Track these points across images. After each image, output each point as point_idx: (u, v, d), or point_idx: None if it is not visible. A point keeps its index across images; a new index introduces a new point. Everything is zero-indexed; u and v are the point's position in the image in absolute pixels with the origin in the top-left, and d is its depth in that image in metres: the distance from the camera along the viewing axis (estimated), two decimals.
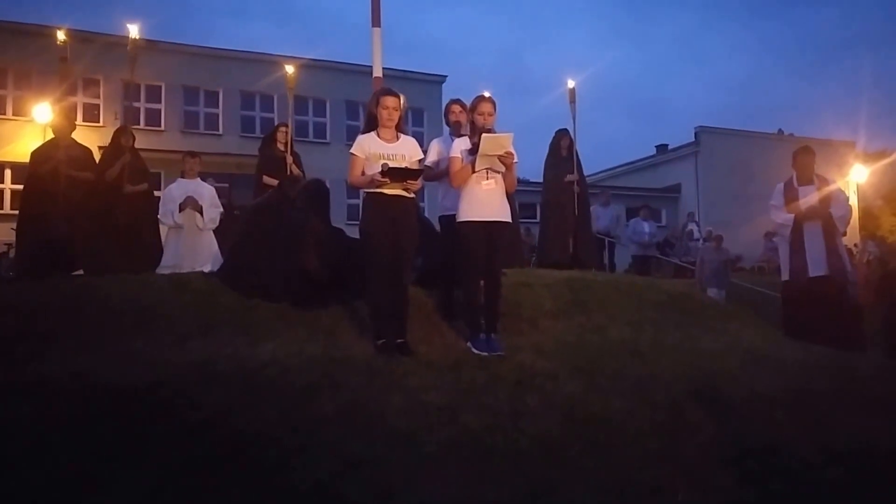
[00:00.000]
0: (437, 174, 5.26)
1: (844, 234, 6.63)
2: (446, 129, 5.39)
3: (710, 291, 9.60)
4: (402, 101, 4.83)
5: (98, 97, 20.35)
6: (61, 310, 4.75)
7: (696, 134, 27.71)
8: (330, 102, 23.05)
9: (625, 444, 3.89)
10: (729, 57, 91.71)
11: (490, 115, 4.89)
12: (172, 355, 4.15)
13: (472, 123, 4.96)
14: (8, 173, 19.04)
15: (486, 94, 4.97)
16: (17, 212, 7.27)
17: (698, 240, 16.25)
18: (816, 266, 6.26)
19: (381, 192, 4.64)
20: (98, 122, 19.76)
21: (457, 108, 5.47)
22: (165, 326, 4.65)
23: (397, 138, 4.81)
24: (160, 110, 21.25)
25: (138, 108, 20.40)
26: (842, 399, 4.69)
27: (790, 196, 6.49)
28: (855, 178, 24.83)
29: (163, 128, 21.06)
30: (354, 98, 21.45)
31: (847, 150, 27.86)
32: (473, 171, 4.80)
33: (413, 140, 4.90)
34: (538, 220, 9.42)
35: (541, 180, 8.87)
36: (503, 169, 4.84)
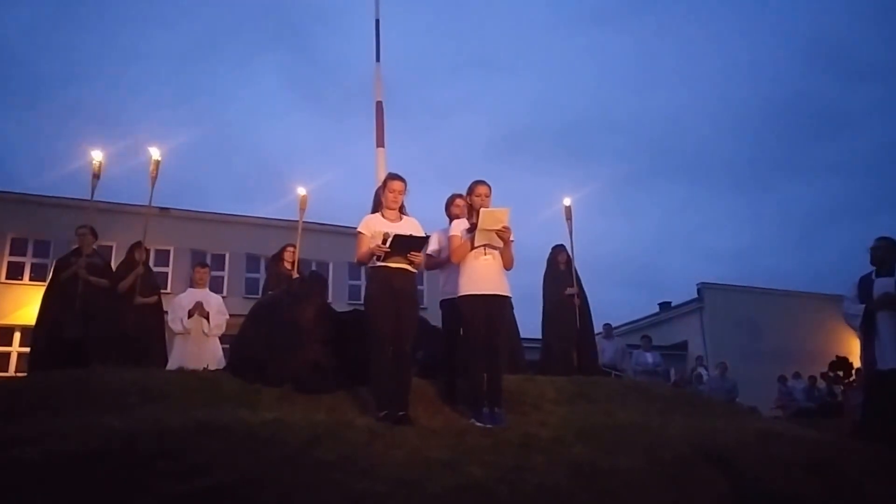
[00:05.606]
0: (439, 262, 5.43)
1: None
2: (446, 220, 5.60)
3: None
4: (406, 187, 5.14)
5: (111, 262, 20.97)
6: (64, 391, 4.76)
7: (698, 290, 27.03)
8: (333, 264, 23.59)
9: (636, 496, 3.77)
10: (719, 229, 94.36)
11: (487, 196, 5.15)
12: (175, 418, 4.12)
13: (470, 206, 5.23)
14: (17, 336, 19.17)
15: (482, 179, 5.26)
16: (23, 374, 7.40)
17: (707, 384, 16.00)
18: (888, 360, 5.84)
19: (385, 266, 4.82)
20: None
21: (460, 201, 5.54)
22: (169, 402, 4.64)
23: (400, 219, 5.09)
24: (167, 273, 21.76)
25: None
26: (870, 466, 4.51)
27: (865, 288, 6.10)
28: None
29: (169, 290, 21.44)
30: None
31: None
32: (473, 248, 5.00)
33: (415, 220, 5.13)
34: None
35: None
36: (501, 245, 5.04)
